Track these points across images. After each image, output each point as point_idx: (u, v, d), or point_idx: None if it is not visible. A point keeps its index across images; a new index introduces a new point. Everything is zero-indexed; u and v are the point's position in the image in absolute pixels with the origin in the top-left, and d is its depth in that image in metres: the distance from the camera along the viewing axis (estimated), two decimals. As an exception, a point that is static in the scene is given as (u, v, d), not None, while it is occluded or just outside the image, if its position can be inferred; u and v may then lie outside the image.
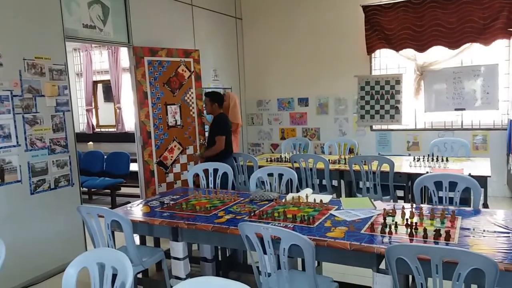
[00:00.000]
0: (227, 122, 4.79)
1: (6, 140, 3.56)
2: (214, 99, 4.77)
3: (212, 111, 4.81)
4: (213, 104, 4.75)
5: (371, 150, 6.19)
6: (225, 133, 4.69)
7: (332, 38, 6.38)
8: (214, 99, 4.77)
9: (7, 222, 3.55)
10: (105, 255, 1.89)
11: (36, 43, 3.79)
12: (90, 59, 8.31)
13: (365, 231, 2.39)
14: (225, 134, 4.67)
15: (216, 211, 3.00)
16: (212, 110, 4.78)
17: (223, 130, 4.66)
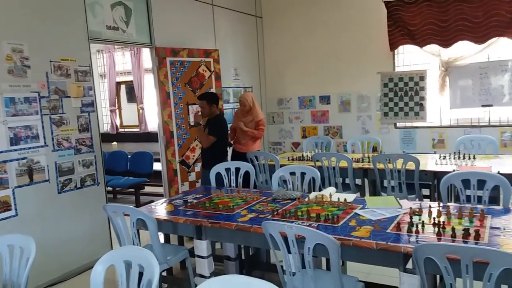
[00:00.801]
0: (225, 126, 4.59)
1: (34, 140, 3.65)
2: (212, 101, 4.45)
3: (210, 113, 4.45)
4: (211, 105, 4.42)
5: (395, 148, 6.08)
6: (219, 136, 4.43)
7: (354, 34, 6.30)
8: (212, 101, 4.45)
9: (36, 221, 3.64)
10: (132, 253, 1.91)
11: (62, 45, 3.87)
12: (113, 60, 8.45)
13: (391, 230, 2.35)
14: (217, 137, 4.39)
15: (239, 209, 3.00)
16: (211, 111, 4.44)
17: (217, 132, 4.41)
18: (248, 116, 5.04)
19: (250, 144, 5.01)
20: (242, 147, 4.99)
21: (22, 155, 3.56)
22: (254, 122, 5.01)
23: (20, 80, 3.55)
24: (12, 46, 3.48)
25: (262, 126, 5.06)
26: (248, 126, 4.97)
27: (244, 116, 5.05)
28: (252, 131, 4.96)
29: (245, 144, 5.00)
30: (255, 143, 5.07)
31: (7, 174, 3.44)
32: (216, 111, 4.52)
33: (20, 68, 3.54)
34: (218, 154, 4.47)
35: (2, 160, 3.42)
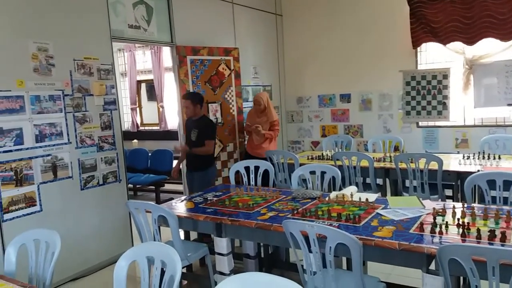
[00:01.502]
0: (216, 127, 4.54)
1: (59, 137, 3.73)
2: (197, 100, 4.32)
3: (195, 113, 4.32)
4: (195, 105, 4.28)
5: (417, 147, 5.97)
6: (215, 138, 4.46)
7: (375, 32, 6.21)
8: (197, 100, 4.32)
9: (60, 216, 3.71)
10: (155, 249, 1.93)
11: (85, 44, 3.94)
12: (134, 59, 8.54)
13: (414, 230, 2.32)
14: (214, 140, 4.42)
15: (258, 208, 3.00)
16: (195, 112, 4.30)
17: (213, 135, 4.38)
18: (262, 117, 5.01)
19: (266, 147, 5.05)
20: (259, 152, 5.01)
21: (46, 152, 3.63)
22: (269, 123, 4.98)
23: (45, 79, 3.62)
24: (37, 45, 3.56)
25: (277, 127, 5.05)
26: (263, 127, 4.97)
27: (258, 116, 5.04)
28: (269, 133, 4.97)
29: (261, 147, 5.04)
30: (270, 144, 5.08)
31: (32, 170, 3.53)
32: (200, 112, 4.35)
33: (45, 67, 3.61)
34: (208, 157, 4.36)
35: (28, 156, 3.50)
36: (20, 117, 3.45)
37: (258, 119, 5.04)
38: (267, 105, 5.01)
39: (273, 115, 5.03)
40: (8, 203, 3.36)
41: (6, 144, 3.35)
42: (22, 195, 3.46)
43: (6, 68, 3.35)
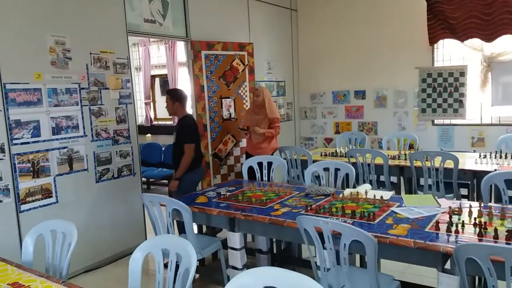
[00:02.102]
0: (195, 126, 4.10)
1: (75, 130, 3.77)
2: (174, 98, 3.99)
3: (174, 112, 4.07)
4: (174, 103, 3.97)
5: (432, 145, 5.90)
6: (195, 140, 3.98)
7: (391, 28, 6.14)
8: (175, 98, 3.99)
9: (75, 208, 3.76)
10: (170, 242, 1.95)
11: (101, 37, 3.96)
12: (148, 53, 8.58)
13: (429, 229, 2.29)
14: (194, 141, 3.95)
15: (271, 203, 3.00)
16: (174, 110, 4.02)
17: (192, 137, 3.94)
18: (260, 113, 4.69)
19: (266, 147, 4.70)
20: (259, 152, 4.64)
21: (63, 144, 3.68)
22: (267, 120, 4.67)
23: (62, 72, 3.66)
24: (55, 39, 3.60)
25: (277, 124, 4.73)
26: (261, 125, 4.67)
27: (256, 112, 4.73)
28: (269, 131, 4.66)
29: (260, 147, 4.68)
30: (271, 143, 4.75)
31: (49, 162, 3.57)
32: (181, 111, 4.03)
33: (62, 60, 3.65)
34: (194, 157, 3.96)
35: (44, 148, 3.55)
36: (38, 110, 3.50)
37: (256, 116, 4.71)
38: (266, 100, 4.68)
39: (273, 112, 4.73)
40: (25, 194, 3.41)
41: (24, 136, 3.40)
42: (39, 187, 3.51)
43: (24, 61, 3.40)
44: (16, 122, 3.35)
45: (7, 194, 3.29)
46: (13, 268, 2.11)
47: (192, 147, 3.91)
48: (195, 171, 4.03)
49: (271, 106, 4.73)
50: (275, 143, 4.84)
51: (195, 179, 4.12)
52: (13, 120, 3.32)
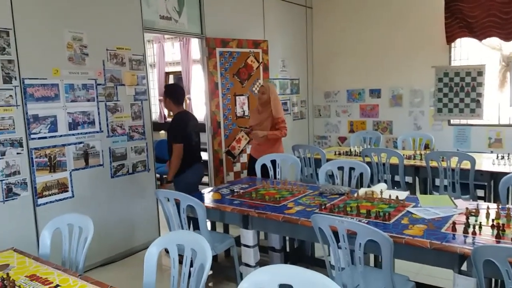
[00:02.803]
0: (186, 125, 3.86)
1: (91, 126, 3.81)
2: (166, 93, 3.93)
3: (168, 108, 4.03)
4: (166, 99, 3.92)
5: (448, 146, 5.82)
6: (184, 139, 3.80)
7: (408, 26, 6.06)
8: (167, 93, 3.92)
9: (90, 203, 3.80)
10: (185, 237, 1.96)
11: (118, 34, 4.00)
12: (163, 50, 8.63)
13: (445, 230, 2.26)
14: (183, 141, 3.78)
15: (285, 202, 2.99)
16: (167, 106, 3.99)
17: (180, 136, 3.79)
18: (263, 112, 4.33)
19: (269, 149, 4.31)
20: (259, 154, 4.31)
21: (79, 140, 3.73)
22: (271, 120, 4.29)
23: (79, 68, 3.70)
24: (72, 35, 3.64)
25: (282, 124, 4.30)
26: (264, 124, 4.30)
27: (260, 111, 4.39)
28: (273, 133, 4.27)
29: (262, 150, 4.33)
30: (274, 146, 4.36)
31: (65, 157, 3.62)
32: (175, 108, 3.92)
33: (79, 56, 3.69)
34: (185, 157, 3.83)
35: (61, 143, 3.60)
36: (55, 105, 3.54)
37: (259, 115, 4.38)
38: (272, 97, 4.29)
39: (278, 111, 4.30)
40: (42, 188, 3.46)
41: (41, 131, 3.45)
42: (55, 181, 3.56)
43: (43, 56, 3.44)
44: (34, 117, 3.40)
45: (24, 188, 3.34)
46: (30, 260, 2.15)
47: (180, 147, 3.76)
48: (190, 171, 3.87)
49: (276, 105, 4.33)
50: (279, 147, 4.42)
51: (190, 181, 3.86)
52: (31, 115, 3.38)
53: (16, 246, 2.39)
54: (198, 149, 4.04)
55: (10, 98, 3.24)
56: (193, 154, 3.92)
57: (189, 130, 3.87)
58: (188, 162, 3.86)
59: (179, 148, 3.76)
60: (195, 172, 3.96)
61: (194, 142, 3.94)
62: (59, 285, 1.84)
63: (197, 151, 4.01)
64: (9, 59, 3.22)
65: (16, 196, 3.30)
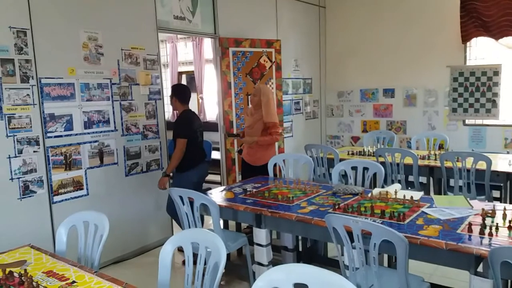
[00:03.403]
0: (191, 122, 3.89)
1: (106, 125, 3.85)
2: (173, 93, 3.95)
3: (174, 107, 4.05)
4: (172, 98, 3.95)
5: (463, 146, 5.75)
6: (188, 135, 3.81)
7: (422, 26, 6.00)
8: (173, 92, 3.95)
9: (104, 201, 3.84)
10: (200, 236, 1.97)
11: (132, 34, 4.03)
12: (176, 50, 8.68)
13: (461, 231, 2.24)
14: (187, 137, 3.80)
15: (298, 201, 2.99)
16: (173, 105, 4.00)
17: (184, 132, 3.81)
18: (255, 115, 4.15)
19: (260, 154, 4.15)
20: (251, 159, 4.22)
21: (94, 138, 3.77)
22: (262, 123, 4.09)
23: (94, 67, 3.74)
24: (88, 35, 3.68)
25: (273, 129, 4.08)
26: (255, 127, 4.12)
27: (252, 113, 4.23)
28: (263, 139, 4.07)
29: (251, 154, 4.20)
30: (267, 150, 4.17)
31: (80, 155, 3.67)
32: (180, 107, 3.96)
33: (95, 56, 3.73)
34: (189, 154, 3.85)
35: (77, 142, 3.64)
36: (71, 104, 3.59)
37: (250, 118, 4.22)
38: (264, 100, 4.08)
39: (268, 115, 4.05)
40: (57, 186, 3.51)
41: (57, 130, 3.50)
42: (71, 179, 3.61)
43: (59, 56, 3.49)
44: (50, 115, 3.45)
45: (41, 185, 3.40)
46: (47, 257, 2.18)
47: (183, 142, 3.79)
48: (195, 169, 3.86)
49: (268, 109, 4.08)
50: (271, 152, 4.21)
51: (194, 179, 3.84)
52: (47, 113, 3.42)
53: (32, 242, 2.43)
54: (202, 148, 4.11)
55: (27, 97, 3.29)
56: (198, 153, 3.95)
57: (194, 128, 3.91)
58: (193, 160, 3.89)
59: (182, 143, 3.79)
60: (199, 171, 3.99)
61: (199, 141, 4.01)
62: (75, 281, 1.86)
63: (201, 150, 4.07)
64: (27, 58, 3.27)
65: (33, 194, 3.35)
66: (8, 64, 3.17)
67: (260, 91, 4.14)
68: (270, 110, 4.11)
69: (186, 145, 3.83)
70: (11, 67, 3.18)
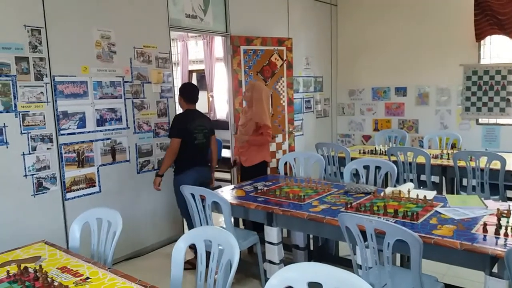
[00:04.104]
0: (186, 121, 3.69)
1: (118, 122, 3.88)
2: (181, 91, 3.82)
3: (180, 105, 3.88)
4: (179, 96, 3.83)
5: (476, 145, 5.68)
6: (181, 134, 3.64)
7: (435, 23, 5.94)
8: (180, 92, 3.82)
9: (116, 198, 3.87)
10: (213, 233, 1.97)
11: (144, 32, 4.05)
12: (186, 49, 8.70)
13: (476, 231, 2.21)
14: (180, 137, 3.63)
15: (310, 200, 2.98)
16: (180, 103, 3.85)
17: (176, 131, 3.65)
18: (249, 112, 4.00)
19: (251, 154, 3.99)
20: (242, 158, 4.05)
21: (106, 136, 3.79)
22: (254, 123, 3.92)
23: (107, 65, 3.76)
24: (101, 33, 3.70)
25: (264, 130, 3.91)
26: (248, 125, 3.97)
27: (246, 111, 4.09)
28: (254, 138, 3.93)
29: (243, 154, 4.03)
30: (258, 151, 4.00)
31: (93, 153, 3.70)
32: (183, 105, 3.81)
33: (107, 54, 3.76)
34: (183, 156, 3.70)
35: (89, 139, 3.67)
36: (84, 102, 3.62)
37: (243, 116, 4.11)
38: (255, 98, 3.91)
39: (258, 115, 3.87)
40: (70, 183, 3.54)
41: (70, 127, 3.53)
42: (83, 176, 3.64)
43: (72, 54, 3.52)
44: (64, 113, 3.48)
45: (54, 182, 3.43)
46: (61, 253, 2.20)
47: (175, 142, 3.62)
48: (188, 172, 3.68)
49: (259, 109, 3.89)
50: (263, 154, 4.03)
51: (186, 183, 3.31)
52: (60, 111, 3.46)
53: (45, 238, 2.46)
54: (202, 151, 3.81)
55: (41, 94, 3.32)
56: (194, 155, 3.73)
57: (189, 128, 3.68)
58: (188, 162, 3.70)
59: (173, 142, 3.63)
60: (194, 174, 3.70)
61: (197, 141, 3.73)
62: (89, 277, 1.87)
63: (200, 152, 3.79)
64: (41, 57, 3.30)
65: (46, 190, 3.38)
66: (23, 62, 3.20)
67: (253, 88, 3.98)
68: (260, 109, 3.89)
69: (180, 146, 3.65)
70: (26, 65, 3.22)
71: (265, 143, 4.00)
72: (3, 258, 2.14)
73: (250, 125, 3.94)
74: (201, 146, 3.78)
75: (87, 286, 1.78)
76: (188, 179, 3.57)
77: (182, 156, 3.69)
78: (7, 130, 3.13)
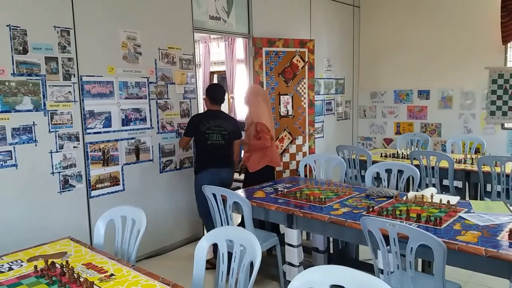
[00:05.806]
0: (200, 121, 3.67)
1: (143, 122, 3.95)
2: (206, 92, 3.82)
3: (205, 105, 3.88)
4: (205, 96, 3.83)
5: (500, 150, 5.55)
6: (189, 134, 3.72)
7: (460, 26, 5.84)
8: (207, 92, 3.82)
9: (139, 197, 3.94)
10: (235, 233, 1.99)
11: (169, 34, 4.11)
12: (208, 50, 8.77)
13: (501, 238, 2.17)
14: (188, 135, 3.73)
15: (331, 203, 2.97)
16: (205, 103, 3.85)
17: (186, 129, 3.76)
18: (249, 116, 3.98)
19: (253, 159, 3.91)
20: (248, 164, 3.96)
21: (131, 135, 3.87)
22: (254, 126, 3.86)
23: (133, 66, 3.84)
24: (127, 34, 3.78)
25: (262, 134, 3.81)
26: (249, 129, 3.95)
27: (248, 116, 4.04)
28: (253, 143, 3.88)
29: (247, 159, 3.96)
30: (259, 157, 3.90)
31: (118, 152, 3.77)
32: (208, 106, 3.79)
33: (133, 55, 3.83)
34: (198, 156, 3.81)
35: (114, 138, 3.75)
36: (109, 102, 3.70)
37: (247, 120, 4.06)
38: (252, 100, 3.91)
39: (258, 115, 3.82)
40: (95, 181, 3.62)
41: (96, 126, 3.61)
42: (108, 174, 3.72)
43: (99, 54, 3.60)
44: (90, 112, 3.56)
45: (79, 180, 3.52)
46: (86, 249, 2.25)
47: (183, 139, 3.80)
48: (204, 172, 3.67)
49: (256, 109, 3.85)
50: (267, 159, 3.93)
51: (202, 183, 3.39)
52: (87, 110, 3.54)
53: (70, 235, 2.52)
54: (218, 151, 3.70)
55: (69, 94, 3.41)
56: (208, 155, 3.68)
57: (201, 128, 3.63)
58: (202, 163, 3.71)
59: (181, 139, 3.85)
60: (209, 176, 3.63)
61: (210, 142, 3.65)
62: (113, 274, 1.91)
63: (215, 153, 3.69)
64: (69, 57, 3.40)
65: (72, 188, 3.47)
66: (52, 62, 3.30)
67: (250, 91, 4.00)
68: (257, 109, 3.86)
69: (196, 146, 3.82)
70: (55, 65, 3.31)
71: (264, 148, 3.86)
72: (30, 253, 2.20)
73: (252, 129, 3.93)
74: (215, 147, 3.67)
75: (111, 283, 1.82)
76: (202, 180, 3.58)
77: (198, 157, 3.84)
78: (36, 128, 3.23)
